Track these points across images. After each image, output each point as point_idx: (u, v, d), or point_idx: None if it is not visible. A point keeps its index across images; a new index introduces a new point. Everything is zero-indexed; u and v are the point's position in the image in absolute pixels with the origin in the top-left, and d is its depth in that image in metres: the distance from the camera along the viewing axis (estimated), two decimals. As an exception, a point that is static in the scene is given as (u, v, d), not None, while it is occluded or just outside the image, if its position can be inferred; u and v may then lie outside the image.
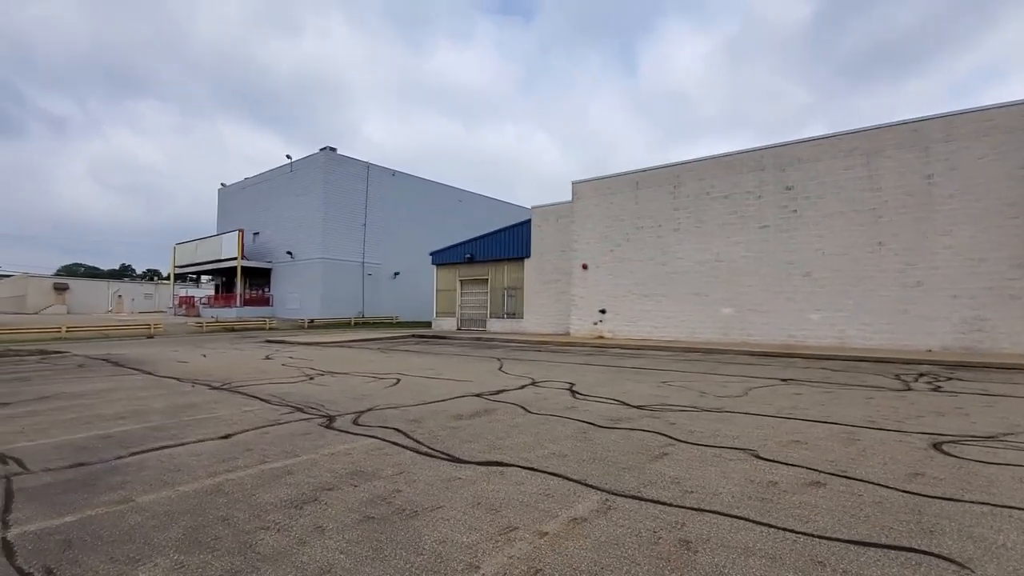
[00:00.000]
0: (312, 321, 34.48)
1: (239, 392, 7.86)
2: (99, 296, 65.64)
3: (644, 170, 19.15)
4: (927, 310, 13.78)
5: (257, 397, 7.39)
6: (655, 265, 18.57)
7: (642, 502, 3.38)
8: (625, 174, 19.68)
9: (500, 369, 10.71)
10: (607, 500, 3.42)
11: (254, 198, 44.55)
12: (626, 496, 3.48)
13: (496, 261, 27.04)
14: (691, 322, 17.67)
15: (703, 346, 15.38)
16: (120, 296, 66.23)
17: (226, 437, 5.15)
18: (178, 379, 9.48)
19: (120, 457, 4.47)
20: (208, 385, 8.64)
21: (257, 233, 43.68)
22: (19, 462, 4.36)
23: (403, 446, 4.76)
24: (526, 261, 25.39)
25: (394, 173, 42.66)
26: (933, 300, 13.72)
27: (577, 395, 7.47)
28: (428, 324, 36.07)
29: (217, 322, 31.34)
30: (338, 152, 38.94)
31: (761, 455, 4.43)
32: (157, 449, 4.72)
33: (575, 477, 3.87)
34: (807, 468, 4.06)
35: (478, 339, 20.79)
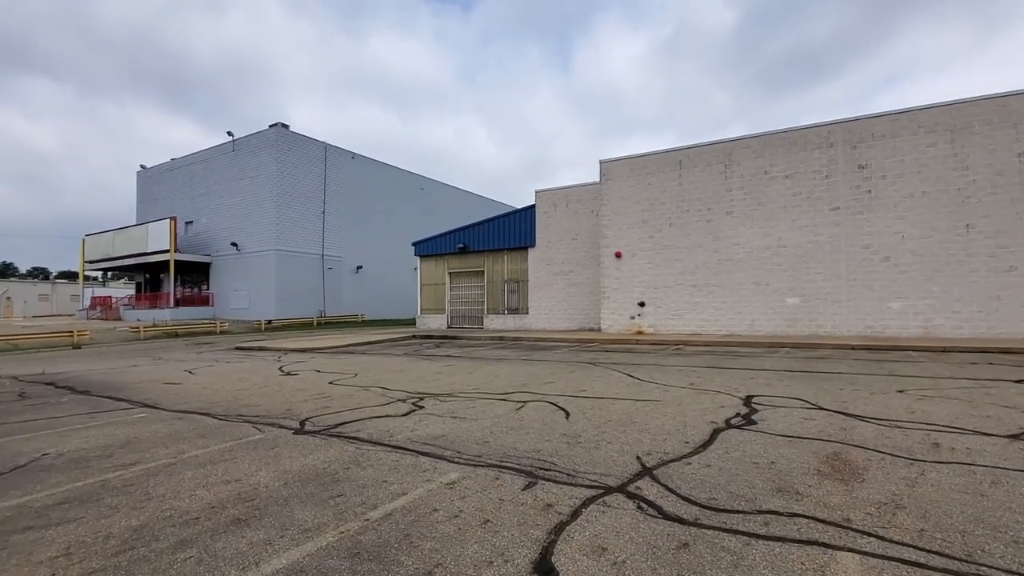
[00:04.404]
0: (270, 322, 30.10)
1: (357, 439, 4.98)
2: (-21, 298, 55.39)
3: (689, 147, 17.34)
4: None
5: (410, 450, 4.59)
6: (705, 252, 16.84)
7: None
8: (666, 152, 17.78)
9: (640, 380, 8.37)
10: None
11: (186, 182, 38.62)
12: None
13: (494, 251, 24.48)
14: (749, 313, 16.12)
15: (784, 340, 13.80)
16: (9, 298, 56.30)
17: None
18: (214, 416, 6.33)
19: None
20: (280, 426, 5.65)
21: (190, 222, 37.90)
22: None
23: (938, 569, 2.36)
24: (530, 251, 23.10)
25: (353, 156, 38.51)
26: (1030, 285, 12.95)
27: (870, 421, 5.31)
28: (401, 323, 32.72)
29: (155, 326, 26.33)
30: (291, 130, 34.33)
31: None
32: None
33: None
34: None
35: (501, 338, 18.20)
